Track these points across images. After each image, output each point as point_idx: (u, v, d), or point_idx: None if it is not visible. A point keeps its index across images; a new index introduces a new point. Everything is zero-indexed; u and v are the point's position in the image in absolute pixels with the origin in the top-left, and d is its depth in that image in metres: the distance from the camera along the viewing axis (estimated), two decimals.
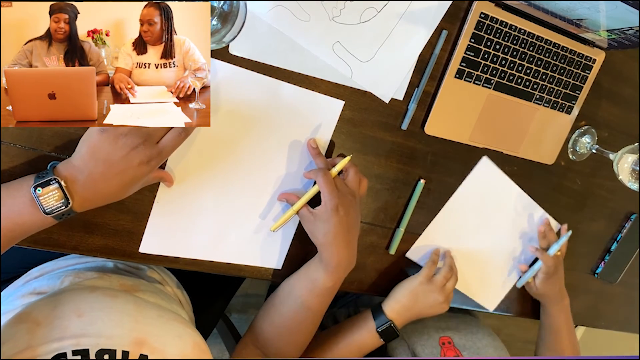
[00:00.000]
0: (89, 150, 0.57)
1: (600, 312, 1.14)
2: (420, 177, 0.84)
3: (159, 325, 0.61)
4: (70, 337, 0.53)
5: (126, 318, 0.59)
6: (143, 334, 0.57)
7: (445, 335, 0.93)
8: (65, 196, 0.55)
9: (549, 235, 0.95)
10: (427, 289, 0.83)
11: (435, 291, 0.83)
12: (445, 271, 0.84)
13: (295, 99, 0.71)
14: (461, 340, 0.92)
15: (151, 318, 0.61)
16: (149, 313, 0.62)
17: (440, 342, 0.91)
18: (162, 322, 0.62)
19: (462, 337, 0.93)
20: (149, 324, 0.60)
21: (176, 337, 0.61)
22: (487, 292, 0.97)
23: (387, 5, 0.71)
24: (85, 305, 0.58)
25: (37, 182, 0.55)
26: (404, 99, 0.78)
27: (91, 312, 0.57)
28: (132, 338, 0.56)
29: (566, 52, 0.84)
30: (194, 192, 0.71)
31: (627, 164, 0.81)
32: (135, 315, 0.60)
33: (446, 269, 0.85)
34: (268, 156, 0.73)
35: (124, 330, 0.57)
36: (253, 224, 0.75)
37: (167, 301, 0.75)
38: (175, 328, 0.62)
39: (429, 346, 0.90)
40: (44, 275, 0.73)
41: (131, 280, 0.74)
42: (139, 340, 0.56)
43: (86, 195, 0.57)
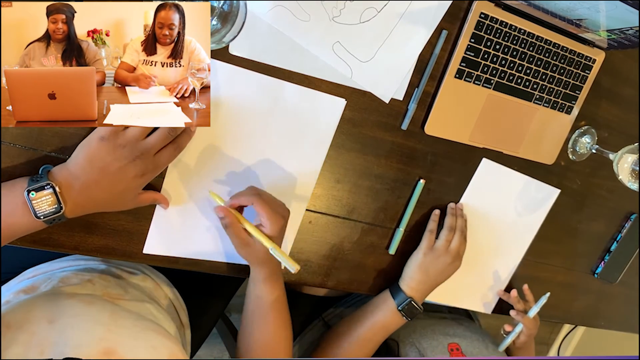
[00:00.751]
0: (86, 157, 0.57)
1: (600, 312, 1.14)
2: (420, 177, 0.84)
3: (133, 334, 0.59)
4: (35, 344, 0.51)
5: (98, 327, 0.57)
6: (113, 344, 0.55)
7: (454, 341, 0.93)
8: (59, 202, 0.55)
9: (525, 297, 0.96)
10: (432, 257, 0.84)
11: (440, 256, 0.83)
12: (444, 233, 0.85)
13: (297, 99, 0.71)
14: (468, 348, 0.93)
15: (125, 328, 0.59)
16: (123, 322, 0.60)
17: (449, 348, 0.92)
18: (136, 331, 0.59)
19: (469, 345, 0.94)
20: (122, 333, 0.58)
21: (150, 347, 0.58)
22: (487, 294, 0.97)
23: (387, 5, 0.71)
24: (58, 311, 0.56)
25: (31, 186, 0.54)
26: (404, 99, 0.78)
27: (62, 319, 0.55)
28: (101, 347, 0.54)
29: (566, 52, 0.84)
30: (194, 192, 0.71)
31: (627, 164, 0.81)
32: (108, 324, 0.58)
33: (444, 231, 0.85)
34: (268, 156, 0.73)
35: (94, 339, 0.55)
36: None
37: (155, 309, 0.74)
38: (151, 338, 0.60)
39: (439, 352, 0.91)
40: (37, 276, 0.73)
41: (116, 290, 0.72)
42: (108, 351, 0.54)
43: (79, 201, 0.57)
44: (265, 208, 0.65)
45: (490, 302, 0.99)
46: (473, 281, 0.95)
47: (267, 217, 0.65)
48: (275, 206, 0.67)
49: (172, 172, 0.68)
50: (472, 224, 0.90)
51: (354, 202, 0.81)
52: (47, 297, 0.60)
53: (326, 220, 0.81)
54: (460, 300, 0.96)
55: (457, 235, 0.85)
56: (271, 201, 0.67)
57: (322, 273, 0.84)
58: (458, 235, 0.85)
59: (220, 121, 0.68)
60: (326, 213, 0.80)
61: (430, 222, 0.86)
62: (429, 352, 0.91)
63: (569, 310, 1.10)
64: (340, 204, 0.81)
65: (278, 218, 0.66)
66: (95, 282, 0.72)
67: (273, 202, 0.68)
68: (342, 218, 0.82)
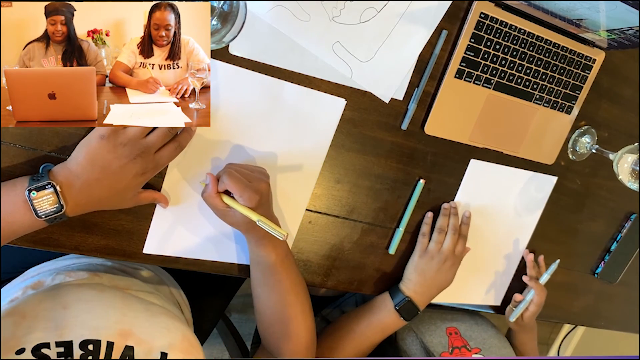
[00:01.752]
0: (87, 156, 0.57)
1: (600, 312, 1.14)
2: (420, 177, 0.84)
3: (146, 317, 0.61)
4: (54, 328, 0.53)
5: (112, 311, 0.59)
6: (129, 326, 0.58)
7: (452, 325, 0.94)
8: (60, 201, 0.55)
9: (539, 265, 0.97)
10: (426, 259, 0.85)
11: (433, 258, 0.84)
12: (435, 236, 0.85)
13: (297, 98, 0.71)
14: (467, 332, 0.93)
15: (138, 311, 0.61)
16: (136, 307, 0.62)
17: (447, 332, 0.92)
18: (149, 314, 0.62)
19: (468, 329, 0.94)
20: (136, 316, 0.60)
21: (163, 329, 0.61)
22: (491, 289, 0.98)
23: (387, 5, 0.71)
24: (71, 298, 0.58)
25: (32, 185, 0.55)
26: (404, 99, 0.78)
27: (77, 305, 0.57)
28: (118, 329, 0.57)
29: (566, 52, 0.84)
30: (194, 192, 0.71)
31: (627, 164, 0.81)
32: (121, 308, 0.60)
33: (435, 233, 0.85)
34: (268, 156, 0.73)
35: (109, 322, 0.57)
36: None
37: (161, 300, 0.75)
38: (163, 321, 0.62)
39: (437, 336, 0.92)
40: (41, 274, 0.73)
41: (124, 281, 0.74)
42: (125, 332, 0.57)
43: (80, 200, 0.58)
44: (236, 184, 0.62)
45: (492, 299, 0.99)
46: (475, 278, 0.95)
47: (238, 193, 0.63)
48: (249, 180, 0.64)
49: (172, 171, 0.68)
50: (471, 223, 0.90)
51: (354, 202, 0.81)
52: (57, 288, 0.62)
53: (326, 220, 0.81)
54: (462, 298, 0.96)
55: (450, 236, 0.85)
56: (246, 175, 0.65)
57: (322, 273, 0.84)
58: (450, 235, 0.85)
59: (220, 121, 0.68)
60: (326, 213, 0.80)
61: (422, 225, 0.86)
62: (427, 336, 0.92)
63: (569, 310, 1.10)
64: (340, 204, 0.81)
65: (250, 193, 0.63)
66: (102, 276, 0.73)
67: (248, 175, 0.65)
68: (342, 218, 0.82)
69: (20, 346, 0.50)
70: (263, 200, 0.65)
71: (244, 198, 0.63)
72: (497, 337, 0.95)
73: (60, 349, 0.52)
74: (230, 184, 0.62)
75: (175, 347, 0.59)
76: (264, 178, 0.67)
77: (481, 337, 0.93)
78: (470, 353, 0.89)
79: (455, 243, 0.85)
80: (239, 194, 0.63)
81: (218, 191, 0.64)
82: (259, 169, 0.68)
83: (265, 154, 0.73)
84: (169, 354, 0.58)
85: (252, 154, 0.72)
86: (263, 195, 0.65)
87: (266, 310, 0.75)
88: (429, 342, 0.91)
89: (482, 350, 0.90)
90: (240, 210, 0.63)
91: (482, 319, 1.00)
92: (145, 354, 0.57)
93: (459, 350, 0.90)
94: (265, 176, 0.68)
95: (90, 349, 0.53)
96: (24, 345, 0.51)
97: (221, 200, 0.64)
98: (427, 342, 0.91)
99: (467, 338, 0.92)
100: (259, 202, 0.64)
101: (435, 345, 0.90)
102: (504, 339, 0.97)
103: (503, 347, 0.94)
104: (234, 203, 0.64)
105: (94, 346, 0.54)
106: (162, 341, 0.59)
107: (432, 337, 0.91)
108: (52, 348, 0.51)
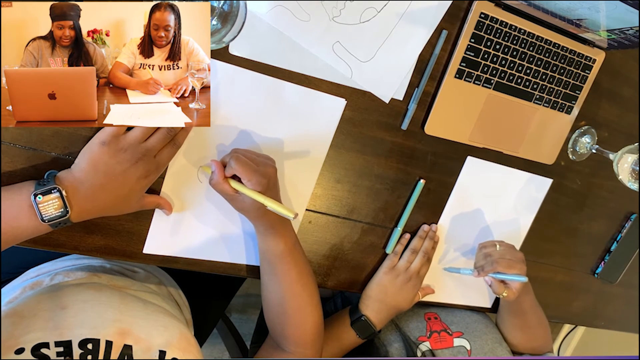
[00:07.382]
0: (89, 162, 0.57)
1: (600, 312, 1.14)
2: (420, 177, 0.84)
3: (144, 316, 0.62)
4: (53, 327, 0.54)
5: (110, 310, 0.60)
6: (127, 325, 0.58)
7: (431, 311, 0.93)
8: (65, 205, 0.56)
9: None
10: (392, 276, 0.85)
11: (399, 275, 0.84)
12: (407, 254, 0.85)
13: (297, 98, 0.71)
14: (448, 317, 0.92)
15: (136, 310, 0.62)
16: (134, 305, 0.63)
17: (426, 317, 0.92)
18: (146, 313, 0.63)
19: (449, 314, 0.93)
20: (134, 315, 0.61)
21: (161, 327, 0.61)
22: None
23: (387, 5, 0.71)
24: (69, 298, 0.59)
25: (38, 189, 0.55)
26: (404, 99, 0.78)
27: (75, 305, 0.58)
28: (116, 329, 0.57)
29: (566, 52, 0.84)
30: (194, 192, 0.71)
31: (627, 164, 0.81)
32: (119, 307, 0.61)
33: (407, 252, 0.85)
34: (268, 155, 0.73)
35: (108, 321, 0.58)
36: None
37: (160, 300, 0.75)
38: (161, 319, 0.63)
39: (414, 320, 0.91)
40: (40, 275, 0.73)
41: (122, 281, 0.74)
42: (123, 331, 0.57)
43: (85, 206, 0.58)
44: (244, 168, 0.62)
45: (485, 300, 0.98)
46: (467, 279, 0.94)
47: (247, 177, 0.62)
48: (256, 164, 0.64)
49: (171, 172, 0.68)
50: (468, 222, 0.90)
51: (353, 202, 0.81)
52: (55, 288, 0.62)
53: (326, 220, 0.81)
54: (455, 299, 0.96)
55: (419, 257, 0.85)
56: (253, 159, 0.65)
57: (322, 273, 0.84)
58: (420, 257, 0.85)
59: (220, 121, 0.68)
60: (326, 213, 0.80)
61: (397, 245, 0.86)
62: (403, 322, 0.91)
63: (569, 310, 1.10)
64: (340, 204, 0.81)
65: (259, 177, 0.63)
66: (101, 276, 0.73)
67: (254, 160, 0.65)
68: (342, 218, 0.82)
69: (19, 346, 0.51)
70: (271, 184, 0.65)
71: (253, 182, 0.63)
72: (482, 323, 0.92)
73: (59, 348, 0.52)
74: (238, 168, 0.62)
75: (173, 345, 0.60)
76: (271, 162, 0.67)
77: (464, 321, 0.91)
78: (452, 337, 0.88)
79: (422, 265, 0.85)
80: (247, 178, 0.62)
81: (225, 176, 0.64)
82: (264, 155, 0.68)
83: (265, 153, 0.73)
84: (167, 353, 0.59)
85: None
86: (271, 178, 0.65)
87: (273, 300, 0.74)
88: (404, 326, 0.90)
89: (464, 334, 0.88)
90: (249, 194, 0.63)
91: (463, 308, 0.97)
92: (144, 353, 0.57)
93: (438, 334, 0.88)
94: (271, 161, 0.67)
95: (89, 348, 0.54)
96: (23, 345, 0.51)
97: (229, 185, 0.64)
98: (403, 326, 0.90)
99: (448, 323, 0.91)
100: (267, 185, 0.64)
101: (412, 329, 0.89)
102: (492, 325, 0.94)
103: (489, 331, 0.91)
104: (242, 187, 0.64)
105: (93, 345, 0.54)
106: (160, 339, 0.59)
107: (409, 322, 0.91)
108: (51, 348, 0.52)
